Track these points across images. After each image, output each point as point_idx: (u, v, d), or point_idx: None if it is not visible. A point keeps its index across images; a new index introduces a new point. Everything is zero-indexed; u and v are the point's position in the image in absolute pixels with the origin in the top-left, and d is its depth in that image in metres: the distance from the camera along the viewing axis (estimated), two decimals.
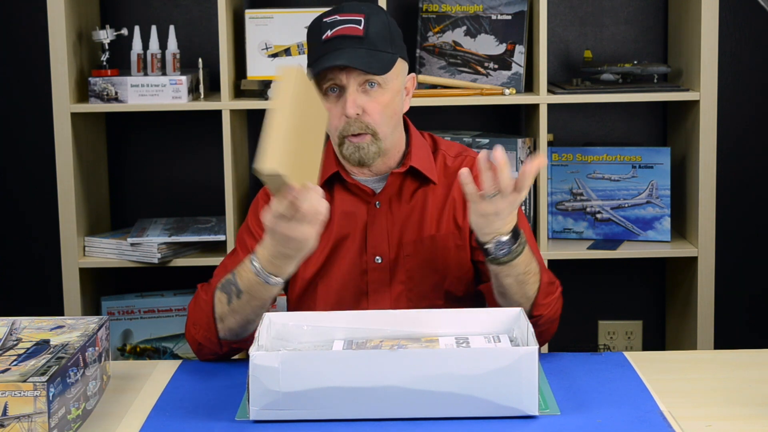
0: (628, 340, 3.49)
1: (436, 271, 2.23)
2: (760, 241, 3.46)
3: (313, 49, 2.18)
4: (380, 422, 1.77)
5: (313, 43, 2.18)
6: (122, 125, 3.42)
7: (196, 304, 2.14)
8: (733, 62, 3.38)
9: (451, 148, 2.31)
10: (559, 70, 3.39)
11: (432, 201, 2.25)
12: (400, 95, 2.20)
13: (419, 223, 2.23)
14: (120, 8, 3.37)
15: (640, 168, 3.21)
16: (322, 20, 2.17)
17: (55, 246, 3.18)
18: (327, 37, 2.14)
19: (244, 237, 2.26)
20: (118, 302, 3.24)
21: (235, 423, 1.80)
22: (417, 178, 2.25)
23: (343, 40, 2.13)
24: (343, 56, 2.11)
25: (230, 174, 3.07)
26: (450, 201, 2.25)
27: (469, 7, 3.20)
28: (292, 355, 1.76)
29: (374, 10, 2.18)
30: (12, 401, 1.63)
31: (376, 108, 2.15)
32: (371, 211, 2.23)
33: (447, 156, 2.29)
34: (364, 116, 2.15)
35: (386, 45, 2.15)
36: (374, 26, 2.14)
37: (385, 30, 2.16)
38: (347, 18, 2.15)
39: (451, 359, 1.75)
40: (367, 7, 2.18)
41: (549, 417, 1.80)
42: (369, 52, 2.13)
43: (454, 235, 2.24)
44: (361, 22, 2.14)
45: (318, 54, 2.15)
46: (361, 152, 2.16)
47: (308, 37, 2.21)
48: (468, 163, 2.25)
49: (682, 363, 2.09)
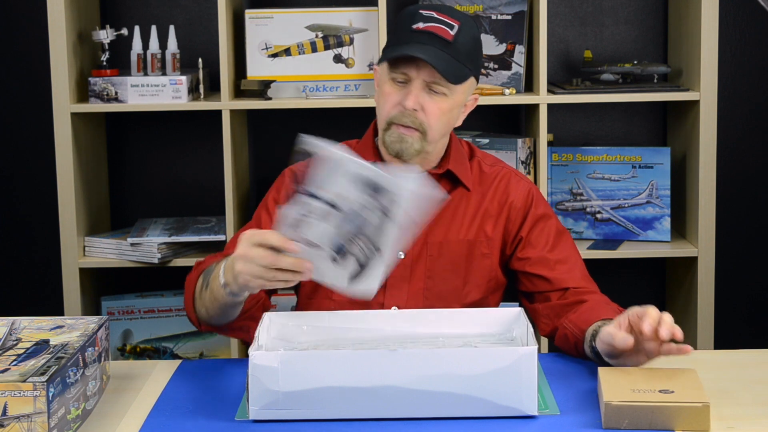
0: None
1: (458, 275, 2.24)
2: (760, 241, 3.46)
3: (398, 33, 2.17)
4: (380, 422, 1.77)
5: (401, 28, 2.16)
6: (122, 125, 3.42)
7: (189, 278, 2.16)
8: (733, 62, 3.38)
9: (486, 157, 2.33)
10: (559, 70, 3.39)
11: (464, 206, 2.26)
12: (459, 108, 2.21)
13: (448, 225, 2.24)
14: (120, 8, 3.37)
15: (640, 168, 3.21)
16: (418, 10, 2.16)
17: (55, 246, 3.17)
18: (417, 29, 2.13)
19: (261, 213, 2.27)
20: (118, 302, 3.24)
21: (234, 423, 1.80)
22: (452, 181, 2.26)
23: (431, 38, 2.13)
24: (426, 52, 2.11)
25: (230, 174, 3.07)
26: (483, 209, 2.26)
27: (469, 7, 3.20)
28: (292, 355, 1.76)
29: (470, 23, 2.18)
30: (12, 401, 1.63)
31: (435, 110, 2.15)
32: None
33: (483, 163, 2.31)
34: (420, 113, 2.15)
35: (468, 59, 2.16)
36: (464, 37, 2.15)
37: (473, 45, 2.17)
38: (443, 19, 2.14)
39: (451, 359, 1.75)
40: (464, 17, 2.18)
41: (549, 417, 1.80)
42: (450, 59, 2.12)
43: (482, 243, 2.25)
44: (454, 27, 2.14)
45: (402, 40, 2.14)
46: (404, 144, 2.16)
47: (398, 19, 2.19)
48: (504, 174, 2.29)
49: (682, 363, 2.09)
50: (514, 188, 2.29)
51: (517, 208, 2.27)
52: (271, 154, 3.39)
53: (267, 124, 3.41)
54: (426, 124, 2.15)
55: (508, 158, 3.08)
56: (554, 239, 2.26)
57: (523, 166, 3.11)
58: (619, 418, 1.73)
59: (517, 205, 2.27)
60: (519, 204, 2.27)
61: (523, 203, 2.27)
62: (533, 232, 2.26)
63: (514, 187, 2.29)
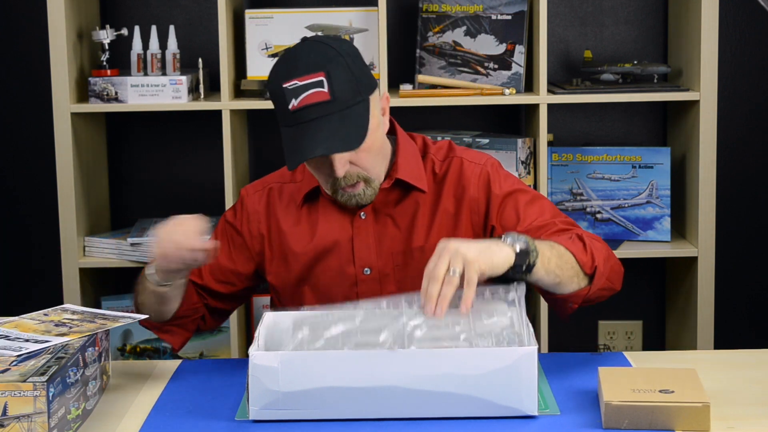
0: (628, 340, 3.49)
1: None
2: (760, 241, 3.46)
3: (281, 114, 2.06)
4: (380, 422, 1.77)
5: (280, 110, 2.06)
6: (122, 125, 3.42)
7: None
8: (733, 62, 3.38)
9: (438, 152, 2.22)
10: (559, 70, 3.39)
11: (422, 210, 2.17)
12: (381, 128, 2.12)
13: (408, 232, 2.17)
14: (120, 8, 3.37)
15: (640, 168, 3.21)
16: (281, 85, 2.03)
17: (55, 246, 3.17)
18: (294, 108, 2.02)
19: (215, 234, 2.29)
20: (118, 302, 3.24)
21: (234, 423, 1.80)
22: (404, 185, 2.18)
23: (312, 108, 2.00)
24: (318, 137, 2.00)
25: (230, 174, 3.07)
26: (441, 210, 2.17)
27: (469, 7, 3.20)
28: (292, 355, 1.76)
29: (330, 56, 2.03)
30: (12, 401, 1.63)
31: (364, 158, 2.08)
32: (356, 222, 2.17)
33: (435, 161, 2.21)
34: (353, 168, 2.08)
35: (355, 94, 2.03)
36: (338, 81, 2.01)
37: (349, 77, 2.03)
38: (309, 82, 2.00)
39: (451, 359, 1.75)
40: (323, 57, 2.02)
41: (549, 417, 1.80)
42: (342, 116, 2.01)
43: None
44: (323, 83, 2.00)
45: (288, 122, 2.04)
46: (357, 198, 2.11)
47: (272, 97, 2.08)
48: (454, 167, 2.19)
49: (682, 363, 2.09)
50: (468, 177, 2.17)
51: (475, 199, 2.16)
52: (271, 154, 3.39)
53: (267, 124, 3.41)
54: (364, 172, 2.09)
55: (508, 158, 3.08)
56: (523, 211, 2.14)
57: (523, 166, 3.11)
58: (619, 418, 1.73)
59: (474, 196, 2.16)
60: (476, 194, 2.16)
61: (482, 191, 2.16)
62: (502, 215, 2.14)
63: (468, 174, 2.17)
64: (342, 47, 2.06)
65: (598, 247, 2.04)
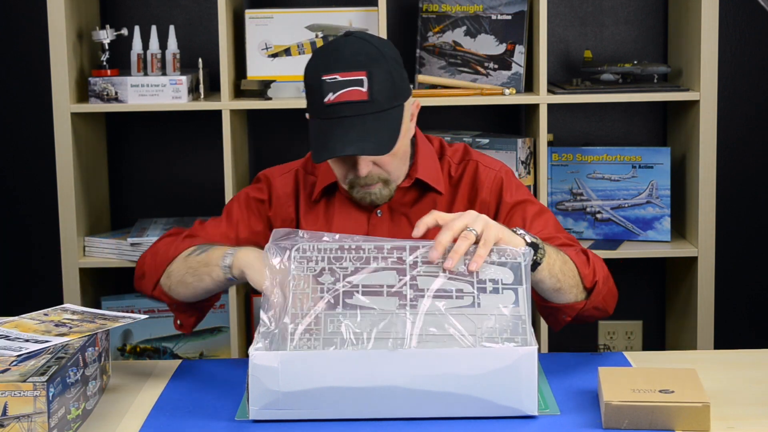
0: (628, 340, 3.49)
1: None
2: (760, 241, 3.46)
3: (314, 105, 2.05)
4: (380, 422, 1.77)
5: (313, 100, 2.05)
6: (122, 125, 3.42)
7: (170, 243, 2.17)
8: (733, 62, 3.38)
9: (455, 154, 2.25)
10: (559, 70, 3.39)
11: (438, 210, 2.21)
12: (408, 133, 2.14)
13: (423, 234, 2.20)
14: (120, 8, 3.37)
15: (640, 168, 3.21)
16: (321, 77, 2.03)
17: (55, 246, 3.18)
18: (329, 102, 2.01)
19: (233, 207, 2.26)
20: (118, 302, 3.24)
21: (234, 423, 1.80)
22: (422, 187, 2.20)
23: (348, 106, 2.01)
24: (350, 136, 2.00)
25: (230, 174, 3.07)
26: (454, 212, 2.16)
27: (469, 7, 3.20)
28: (292, 355, 1.76)
29: (373, 56, 2.03)
30: (12, 401, 1.63)
31: (389, 162, 2.09)
32: (372, 219, 2.19)
33: (452, 164, 2.23)
34: (375, 169, 2.09)
35: (391, 98, 2.04)
36: (377, 83, 2.01)
37: (389, 81, 2.03)
38: (349, 78, 2.01)
39: (451, 359, 1.75)
40: (366, 56, 2.03)
41: (549, 417, 1.80)
42: (376, 118, 2.01)
43: None
44: (363, 83, 2.00)
45: (320, 115, 2.04)
46: (372, 197, 2.13)
47: (306, 81, 2.07)
48: (470, 170, 2.22)
49: (682, 363, 2.09)
50: (482, 181, 2.20)
51: (486, 203, 2.19)
52: (271, 154, 3.39)
53: (267, 124, 3.41)
54: (384, 174, 2.11)
55: (508, 158, 3.08)
56: (530, 222, 2.16)
57: (523, 166, 3.11)
58: (619, 418, 1.73)
59: (486, 200, 2.19)
60: (487, 198, 2.19)
61: (493, 196, 2.19)
62: (510, 223, 2.16)
63: (483, 178, 2.20)
64: (385, 49, 2.06)
65: (600, 266, 2.07)
